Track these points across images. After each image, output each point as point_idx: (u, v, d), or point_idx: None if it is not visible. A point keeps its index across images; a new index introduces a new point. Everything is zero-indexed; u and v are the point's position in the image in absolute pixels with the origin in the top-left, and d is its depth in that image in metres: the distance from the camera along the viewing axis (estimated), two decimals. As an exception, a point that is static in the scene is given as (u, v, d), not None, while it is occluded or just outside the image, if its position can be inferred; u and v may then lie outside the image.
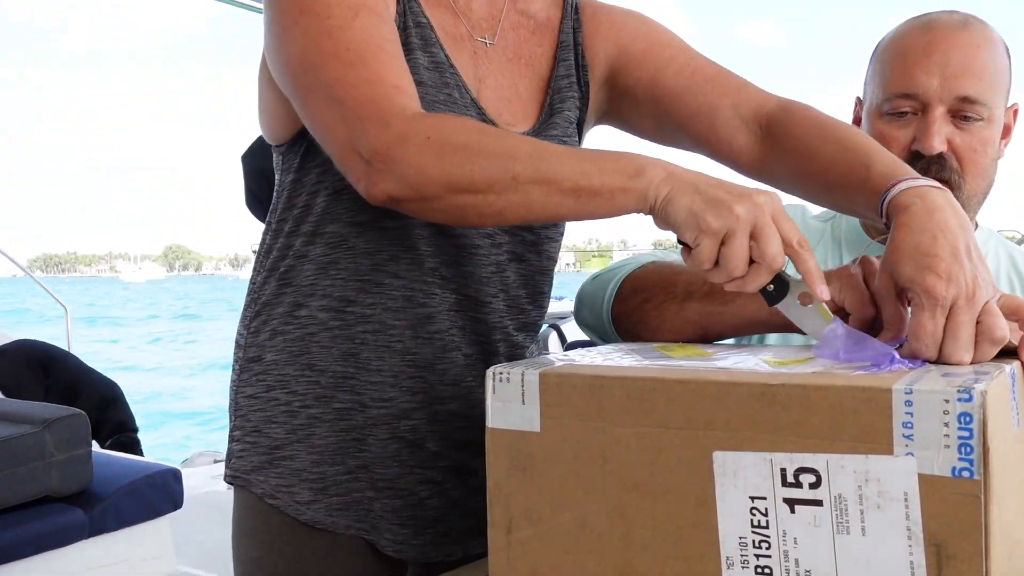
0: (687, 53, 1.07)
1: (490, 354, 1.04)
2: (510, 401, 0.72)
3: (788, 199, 1.01)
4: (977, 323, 0.71)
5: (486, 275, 1.02)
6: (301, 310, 1.02)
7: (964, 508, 0.56)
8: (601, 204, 0.79)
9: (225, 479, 1.07)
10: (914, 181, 0.81)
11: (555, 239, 1.08)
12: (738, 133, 1.01)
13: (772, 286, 0.77)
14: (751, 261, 0.74)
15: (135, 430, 3.59)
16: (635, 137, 1.12)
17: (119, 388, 3.66)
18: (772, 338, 1.10)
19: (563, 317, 5.04)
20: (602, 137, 1.17)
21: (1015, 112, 1.16)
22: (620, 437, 0.67)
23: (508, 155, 0.80)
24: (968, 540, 0.56)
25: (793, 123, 0.97)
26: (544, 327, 4.61)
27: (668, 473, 0.65)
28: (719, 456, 0.63)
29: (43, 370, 3.47)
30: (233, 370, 1.09)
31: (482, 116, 1.00)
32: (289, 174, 1.04)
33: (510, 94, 1.05)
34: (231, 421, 1.07)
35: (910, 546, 0.58)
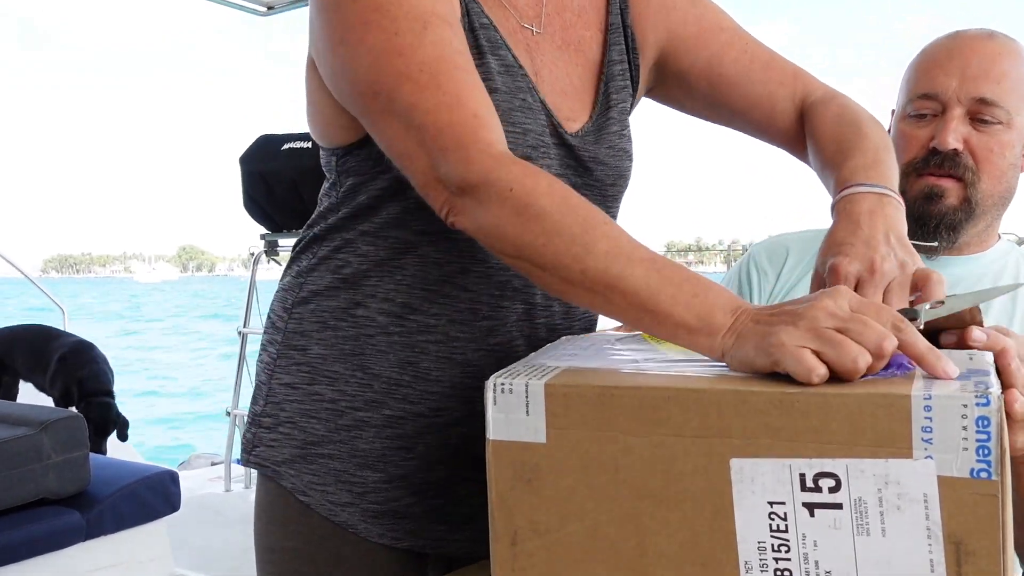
0: (741, 37, 1.05)
1: None
2: (513, 412, 0.71)
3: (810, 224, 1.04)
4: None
5: None
6: (359, 309, 0.98)
7: (983, 507, 0.58)
8: (661, 331, 0.75)
9: (247, 463, 1.04)
10: (858, 188, 0.86)
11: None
12: (791, 119, 1.04)
13: None
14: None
15: (110, 393, 3.15)
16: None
17: (95, 347, 3.24)
18: None
19: None
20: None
21: None
22: (632, 446, 0.67)
23: (584, 245, 0.76)
24: (987, 537, 0.58)
25: (821, 113, 1.00)
26: None
27: (683, 481, 0.65)
28: (736, 463, 0.63)
29: None
30: (266, 351, 1.05)
31: (550, 119, 0.97)
32: (349, 177, 0.99)
33: (565, 85, 1.01)
34: (259, 405, 1.04)
35: (930, 545, 0.59)
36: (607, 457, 0.68)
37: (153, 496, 2.00)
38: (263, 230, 3.78)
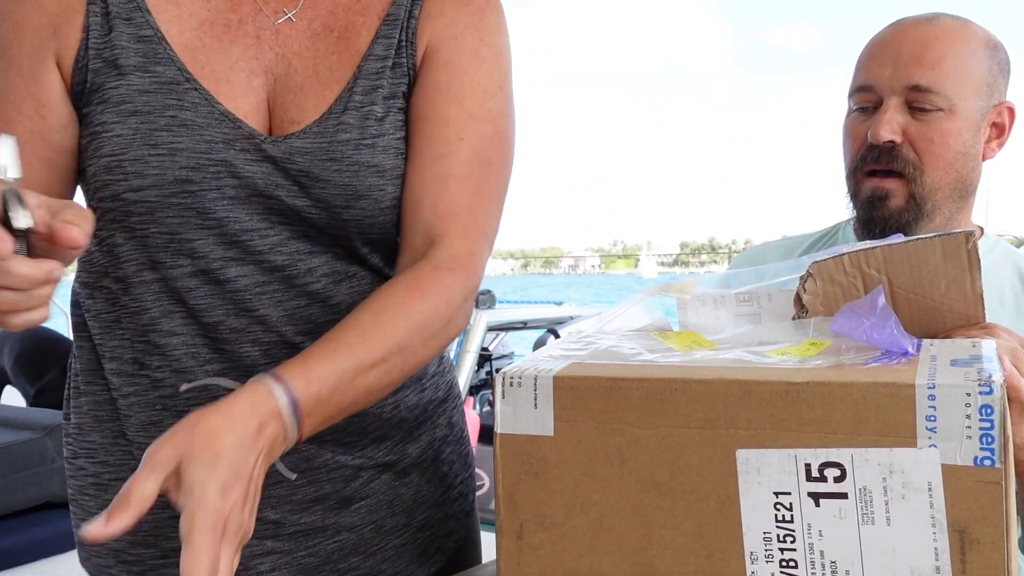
0: (459, 138, 0.89)
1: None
2: (521, 405, 0.72)
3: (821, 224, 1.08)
4: None
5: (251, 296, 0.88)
6: (98, 374, 0.90)
7: (987, 495, 0.58)
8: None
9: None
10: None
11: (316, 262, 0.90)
12: (411, 256, 0.89)
13: None
14: None
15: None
16: None
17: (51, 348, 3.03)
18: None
19: (560, 322, 4.83)
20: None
21: (1010, 111, 1.13)
22: (639, 438, 0.68)
23: None
24: (991, 525, 0.59)
25: (413, 273, 0.87)
26: (543, 332, 4.46)
27: (690, 472, 0.66)
28: (742, 454, 0.64)
29: None
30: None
31: (236, 127, 0.85)
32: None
33: (304, 79, 0.87)
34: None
35: (934, 533, 0.60)
36: (613, 449, 0.69)
37: (156, 499, 2.00)
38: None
